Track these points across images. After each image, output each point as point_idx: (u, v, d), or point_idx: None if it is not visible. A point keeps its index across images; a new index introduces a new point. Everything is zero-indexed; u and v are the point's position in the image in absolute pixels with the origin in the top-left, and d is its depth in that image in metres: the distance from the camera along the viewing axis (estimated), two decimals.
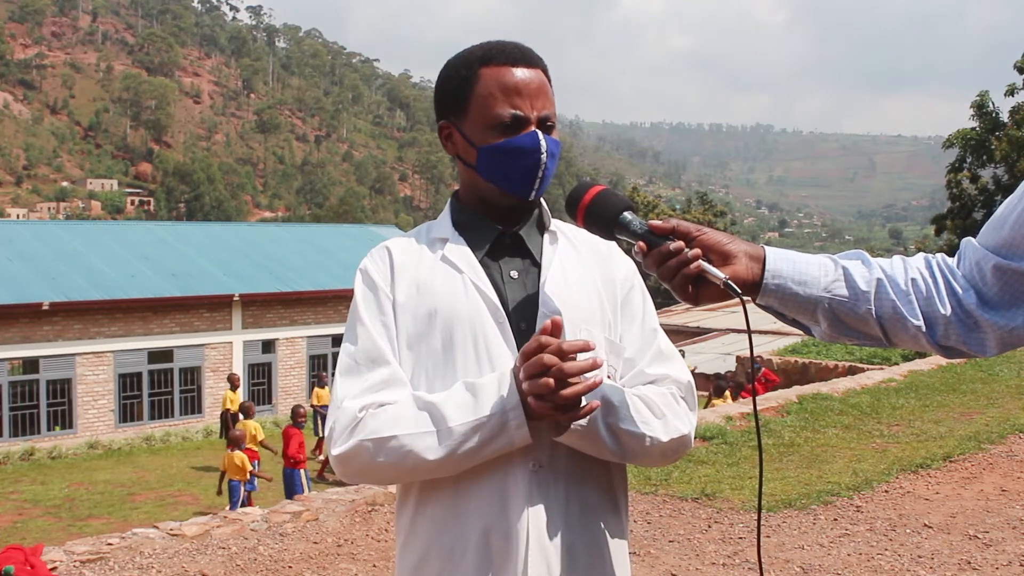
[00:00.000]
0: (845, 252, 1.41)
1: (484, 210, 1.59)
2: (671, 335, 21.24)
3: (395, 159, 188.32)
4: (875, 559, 4.72)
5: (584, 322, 1.54)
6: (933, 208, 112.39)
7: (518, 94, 1.51)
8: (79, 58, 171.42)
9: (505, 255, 1.57)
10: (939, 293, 1.33)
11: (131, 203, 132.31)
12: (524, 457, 1.46)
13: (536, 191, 1.53)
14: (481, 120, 1.52)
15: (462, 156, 1.57)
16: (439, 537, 1.48)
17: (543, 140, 1.51)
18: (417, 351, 1.51)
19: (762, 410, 8.45)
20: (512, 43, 1.57)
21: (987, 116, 29.38)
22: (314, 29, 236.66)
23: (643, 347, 1.61)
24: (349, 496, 5.71)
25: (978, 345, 1.32)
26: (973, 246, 1.33)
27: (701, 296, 1.35)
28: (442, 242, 1.58)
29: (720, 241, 1.35)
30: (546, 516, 1.45)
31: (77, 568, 4.64)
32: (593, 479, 1.52)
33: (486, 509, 1.45)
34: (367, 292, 1.55)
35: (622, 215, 1.41)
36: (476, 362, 1.49)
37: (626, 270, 1.65)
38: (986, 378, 10.00)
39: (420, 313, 1.51)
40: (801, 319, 1.38)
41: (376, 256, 1.59)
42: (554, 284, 1.54)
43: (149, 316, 19.66)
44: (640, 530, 5.26)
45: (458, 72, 1.56)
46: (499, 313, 1.51)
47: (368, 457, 1.44)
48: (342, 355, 1.54)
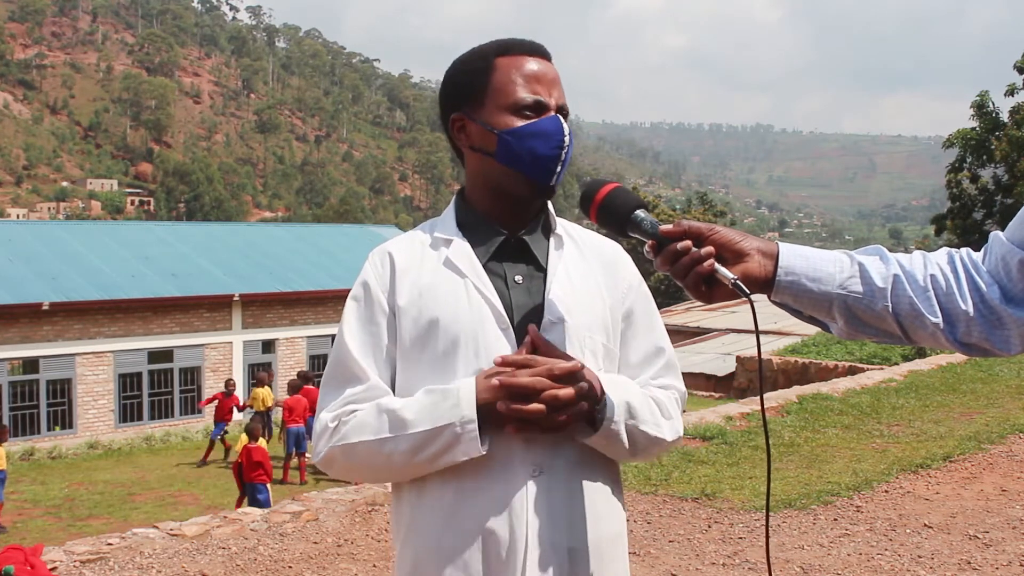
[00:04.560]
0: (864, 247, 1.39)
1: (491, 208, 1.57)
2: (671, 335, 21.40)
3: (395, 159, 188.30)
4: (875, 559, 4.72)
5: (587, 328, 1.53)
6: (933, 208, 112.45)
7: (537, 81, 1.52)
8: (79, 58, 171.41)
9: (509, 260, 1.56)
10: (960, 289, 1.29)
11: (131, 203, 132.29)
12: (525, 462, 1.45)
13: (556, 176, 1.52)
14: (501, 106, 1.51)
15: (478, 146, 1.54)
16: (438, 540, 1.48)
17: (565, 125, 1.51)
18: (418, 357, 1.51)
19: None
20: (525, 39, 1.58)
21: (987, 116, 29.36)
22: (314, 29, 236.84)
23: (649, 358, 1.62)
24: (349, 496, 5.71)
25: (1002, 342, 1.28)
26: (1000, 240, 1.30)
27: (715, 295, 1.34)
28: (446, 244, 1.56)
29: (732, 239, 1.34)
30: (547, 521, 1.45)
31: (77, 568, 4.64)
32: (594, 484, 1.52)
33: (486, 513, 1.45)
34: (359, 303, 1.55)
35: (635, 213, 1.41)
36: (478, 369, 1.48)
37: (632, 278, 1.64)
38: (986, 378, 9.99)
39: (422, 319, 1.51)
40: (817, 316, 1.36)
41: (377, 261, 1.58)
42: (559, 290, 1.53)
43: (149, 316, 19.67)
44: (640, 530, 5.26)
45: (473, 64, 1.56)
46: (503, 319, 1.50)
47: (342, 462, 1.50)
48: (328, 363, 1.58)
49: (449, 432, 1.42)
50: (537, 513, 1.45)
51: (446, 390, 1.44)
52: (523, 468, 1.45)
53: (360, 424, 1.47)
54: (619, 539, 1.56)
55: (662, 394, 1.58)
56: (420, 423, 1.43)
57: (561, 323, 1.51)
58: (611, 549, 1.53)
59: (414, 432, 1.43)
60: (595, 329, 1.55)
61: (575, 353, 1.51)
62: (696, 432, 7.46)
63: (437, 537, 1.48)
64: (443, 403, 1.43)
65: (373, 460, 1.47)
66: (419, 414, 1.44)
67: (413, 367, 1.51)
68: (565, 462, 1.48)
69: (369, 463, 1.48)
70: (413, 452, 1.44)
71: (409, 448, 1.44)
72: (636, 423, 1.48)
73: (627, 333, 1.61)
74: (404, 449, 1.44)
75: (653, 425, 1.51)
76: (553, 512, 1.46)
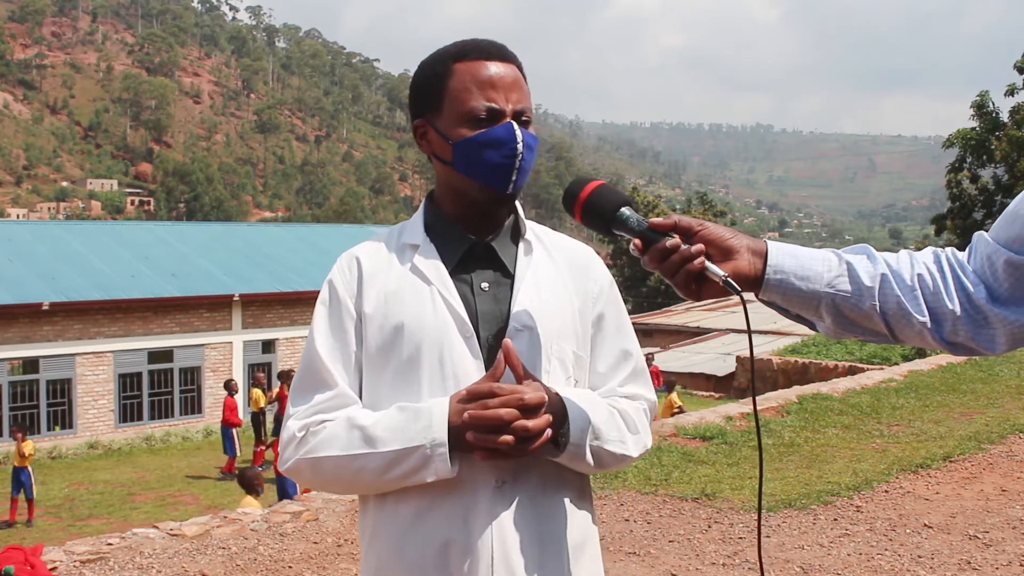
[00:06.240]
0: (850, 246, 1.39)
1: (459, 213, 1.56)
2: (671, 335, 21.38)
3: (395, 159, 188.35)
4: (875, 559, 4.72)
5: (556, 335, 1.52)
6: (933, 208, 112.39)
7: (492, 87, 1.49)
8: (79, 58, 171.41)
9: (477, 267, 1.54)
10: (947, 288, 1.30)
11: (131, 203, 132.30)
12: (488, 474, 1.44)
13: (514, 184, 1.50)
14: (456, 114, 1.50)
15: (437, 153, 1.54)
16: (400, 549, 1.47)
17: (518, 131, 1.49)
18: (383, 363, 1.50)
19: (762, 410, 8.45)
20: (486, 40, 1.55)
21: (987, 116, 29.35)
22: (314, 29, 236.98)
23: (617, 364, 1.60)
24: (349, 496, 5.71)
25: (987, 341, 1.29)
26: (985, 240, 1.30)
27: (704, 292, 1.33)
28: (413, 249, 1.56)
29: (722, 236, 1.33)
30: (513, 532, 1.44)
31: (77, 568, 4.64)
32: (561, 494, 1.51)
33: (447, 525, 1.44)
34: (327, 308, 1.55)
35: (620, 211, 1.39)
36: (441, 376, 1.47)
37: (603, 282, 1.63)
38: (986, 378, 9.99)
39: (387, 325, 1.50)
40: (804, 314, 1.37)
41: (344, 266, 1.58)
42: (526, 297, 1.52)
43: (149, 316, 19.67)
44: (640, 530, 5.26)
45: (432, 69, 1.54)
46: (466, 327, 1.49)
47: (309, 474, 1.49)
48: (298, 369, 1.57)
49: (420, 453, 1.41)
50: (500, 527, 1.43)
51: (418, 410, 1.43)
52: (485, 480, 1.45)
53: (329, 438, 1.46)
54: (586, 546, 1.54)
55: (629, 406, 1.56)
56: (391, 442, 1.42)
57: (527, 331, 1.50)
58: (578, 557, 1.52)
59: (384, 451, 1.42)
60: (564, 336, 1.53)
61: (543, 360, 1.50)
62: (696, 432, 7.46)
63: (399, 546, 1.47)
64: (415, 424, 1.42)
65: (341, 475, 1.46)
66: (390, 432, 1.43)
67: (378, 373, 1.50)
68: (529, 473, 1.47)
69: (337, 477, 1.47)
70: (383, 471, 1.43)
71: (379, 467, 1.43)
72: (600, 443, 1.47)
73: (596, 338, 1.60)
74: (374, 467, 1.43)
75: (618, 443, 1.50)
76: (518, 526, 1.44)
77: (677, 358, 24.61)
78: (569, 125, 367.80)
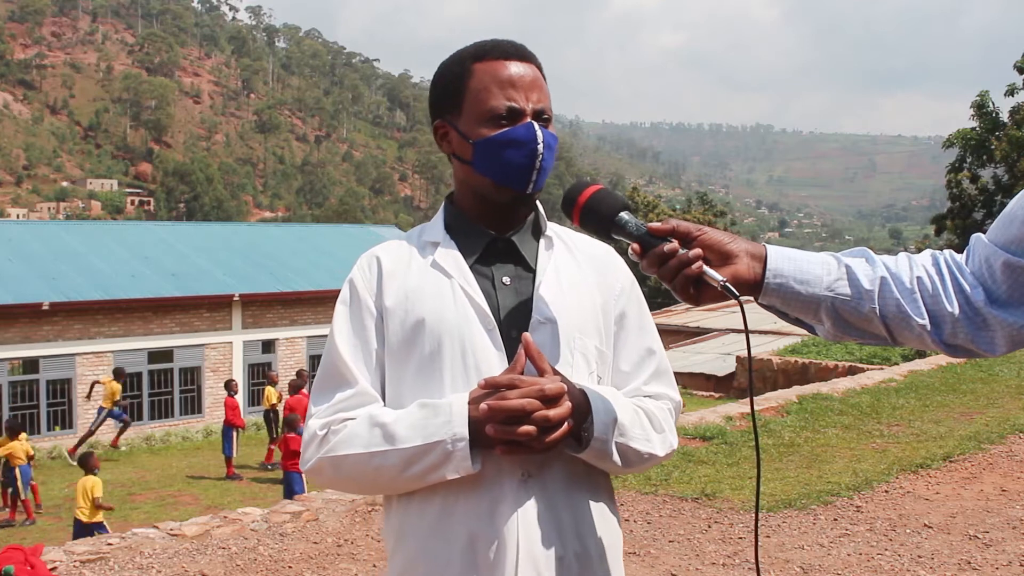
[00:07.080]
0: (849, 249, 1.39)
1: (479, 212, 1.56)
2: (671, 335, 21.34)
3: (395, 159, 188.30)
4: (875, 559, 4.72)
5: (578, 330, 1.52)
6: (933, 208, 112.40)
7: (512, 87, 1.49)
8: (79, 58, 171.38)
9: (497, 261, 1.54)
10: (946, 291, 1.30)
11: (131, 203, 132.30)
12: (513, 466, 1.44)
13: (534, 184, 1.50)
14: (476, 114, 1.50)
15: (458, 153, 1.54)
16: (426, 544, 1.47)
17: (539, 131, 1.48)
18: (405, 359, 1.50)
19: (762, 410, 8.46)
20: (506, 40, 1.55)
21: (987, 116, 29.38)
22: (314, 29, 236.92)
23: (640, 363, 1.60)
24: (349, 496, 5.71)
25: (987, 344, 1.29)
26: (982, 242, 1.31)
27: (703, 297, 1.33)
28: (433, 246, 1.56)
29: (721, 240, 1.33)
30: (537, 526, 1.43)
31: (77, 568, 4.64)
32: (585, 488, 1.50)
33: (473, 518, 1.44)
34: (347, 307, 1.56)
35: (619, 216, 1.39)
36: (464, 370, 1.47)
37: (625, 280, 1.62)
38: (986, 378, 9.99)
39: (408, 320, 1.50)
40: (804, 318, 1.37)
41: (364, 265, 1.58)
42: (548, 291, 1.52)
43: (149, 316, 19.66)
44: (640, 530, 5.26)
45: (451, 70, 1.54)
46: (488, 320, 1.48)
47: (330, 473, 1.49)
48: (319, 368, 1.56)
49: (440, 449, 1.40)
50: (525, 520, 1.43)
51: (438, 405, 1.43)
52: (511, 473, 1.44)
53: (350, 436, 1.45)
54: (612, 550, 1.53)
55: (654, 405, 1.55)
56: (411, 439, 1.42)
57: (550, 324, 1.49)
58: (604, 553, 1.51)
59: (404, 447, 1.42)
60: (586, 331, 1.53)
61: (565, 354, 1.49)
62: (696, 432, 7.46)
63: (424, 543, 1.46)
64: (435, 419, 1.41)
65: (362, 473, 1.46)
66: (410, 429, 1.42)
67: (401, 369, 1.50)
68: (554, 467, 1.46)
69: (358, 476, 1.47)
70: (403, 467, 1.42)
71: (399, 463, 1.42)
72: (625, 440, 1.46)
73: (619, 336, 1.59)
74: (394, 464, 1.43)
75: (644, 441, 1.49)
76: (542, 520, 1.44)
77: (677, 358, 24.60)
78: (569, 125, 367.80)
